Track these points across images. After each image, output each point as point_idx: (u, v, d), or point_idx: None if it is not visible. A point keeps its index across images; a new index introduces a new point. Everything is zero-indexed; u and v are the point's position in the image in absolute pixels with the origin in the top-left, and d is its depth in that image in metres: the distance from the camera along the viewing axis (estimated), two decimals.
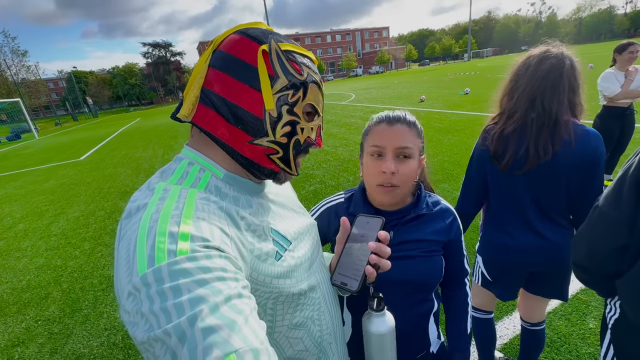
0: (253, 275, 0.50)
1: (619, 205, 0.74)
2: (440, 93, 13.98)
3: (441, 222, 0.87)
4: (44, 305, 2.83)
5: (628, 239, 0.75)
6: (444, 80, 21.02)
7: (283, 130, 0.54)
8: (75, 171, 8.23)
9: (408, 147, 0.77)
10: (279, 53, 0.52)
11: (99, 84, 68.29)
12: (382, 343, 0.65)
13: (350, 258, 0.63)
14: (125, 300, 0.38)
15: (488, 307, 1.48)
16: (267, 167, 0.56)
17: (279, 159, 0.56)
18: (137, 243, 0.40)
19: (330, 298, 0.66)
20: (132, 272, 0.38)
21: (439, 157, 5.22)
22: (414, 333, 0.87)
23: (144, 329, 0.36)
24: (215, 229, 0.44)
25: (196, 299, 0.36)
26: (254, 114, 0.52)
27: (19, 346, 2.37)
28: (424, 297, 0.87)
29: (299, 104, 0.54)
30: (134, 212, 0.45)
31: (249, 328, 0.37)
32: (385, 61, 71.98)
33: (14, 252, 3.97)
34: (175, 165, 0.54)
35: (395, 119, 0.79)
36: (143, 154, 9.21)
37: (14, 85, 38.30)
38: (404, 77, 34.46)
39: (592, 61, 19.44)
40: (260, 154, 0.54)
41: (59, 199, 5.94)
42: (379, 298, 0.66)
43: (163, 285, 0.36)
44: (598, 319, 1.92)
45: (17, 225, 4.88)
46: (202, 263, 0.39)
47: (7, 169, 10.26)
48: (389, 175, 0.76)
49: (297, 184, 4.90)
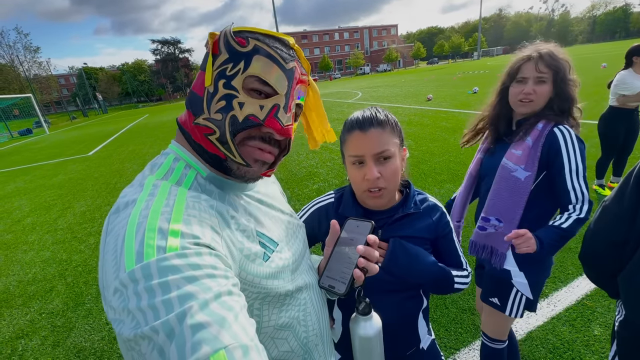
0: (242, 275, 0.50)
1: (621, 200, 0.78)
2: (448, 92, 13.81)
3: (428, 218, 0.87)
4: (48, 298, 2.87)
5: (627, 235, 0.77)
6: (452, 79, 20.77)
7: (218, 106, 0.50)
8: (84, 166, 8.35)
9: (385, 149, 0.76)
10: (227, 33, 0.52)
11: (108, 80, 69.22)
12: (369, 345, 0.66)
13: (339, 261, 0.64)
14: (112, 297, 0.37)
15: (506, 335, 1.38)
16: (211, 151, 0.52)
17: (217, 141, 0.51)
18: (126, 238, 0.39)
19: (317, 300, 0.66)
20: (119, 268, 0.37)
21: (445, 157, 5.16)
22: (403, 330, 0.88)
23: (130, 326, 0.35)
24: (206, 227, 0.44)
25: (185, 295, 0.35)
26: (197, 93, 0.52)
27: (22, 338, 2.41)
28: (412, 294, 0.87)
29: (238, 76, 0.50)
30: (122, 207, 0.44)
31: (238, 325, 0.36)
32: (393, 59, 71.45)
33: (22, 245, 4.05)
34: (162, 160, 0.54)
35: (367, 123, 0.76)
36: (150, 150, 9.31)
37: (26, 81, 39.04)
38: (412, 75, 34.18)
39: (606, 60, 19.01)
40: (200, 134, 0.52)
41: (67, 193, 6.03)
42: (366, 302, 0.66)
43: (151, 282, 0.36)
44: (604, 326, 1.86)
45: (25, 218, 4.97)
46: (192, 260, 0.38)
47: (19, 163, 10.47)
48: (374, 180, 0.76)
49: (300, 182, 4.90)
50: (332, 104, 15.04)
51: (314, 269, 0.71)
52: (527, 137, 1.16)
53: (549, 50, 1.15)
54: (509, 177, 1.18)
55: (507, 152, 1.21)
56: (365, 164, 0.77)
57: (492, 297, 1.30)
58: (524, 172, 1.15)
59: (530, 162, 1.15)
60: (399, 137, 0.80)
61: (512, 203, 1.18)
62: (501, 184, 1.21)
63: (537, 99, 1.15)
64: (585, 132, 5.51)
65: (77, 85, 68.63)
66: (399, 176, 0.80)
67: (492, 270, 1.29)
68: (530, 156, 1.15)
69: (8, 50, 41.46)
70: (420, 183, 4.29)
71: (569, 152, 1.10)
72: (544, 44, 1.19)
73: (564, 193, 1.11)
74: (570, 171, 1.10)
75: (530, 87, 1.15)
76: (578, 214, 1.08)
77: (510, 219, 1.19)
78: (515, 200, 1.17)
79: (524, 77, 1.17)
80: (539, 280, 1.23)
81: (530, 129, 1.17)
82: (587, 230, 0.89)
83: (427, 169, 4.74)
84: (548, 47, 1.16)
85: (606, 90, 3.42)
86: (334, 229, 0.67)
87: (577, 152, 1.10)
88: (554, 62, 1.13)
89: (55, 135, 19.97)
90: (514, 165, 1.18)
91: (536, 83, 1.15)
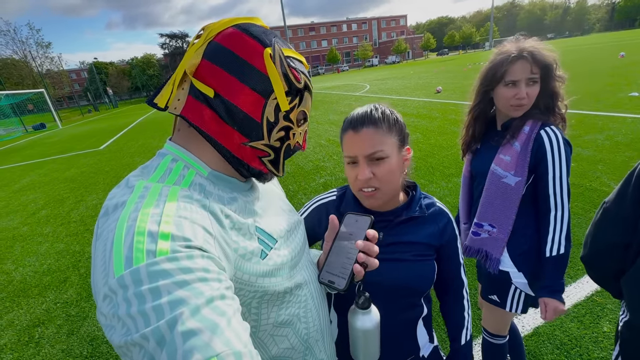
0: (237, 275, 0.48)
1: (623, 202, 0.78)
2: (457, 84, 13.55)
3: (434, 225, 0.84)
4: (62, 288, 2.97)
5: (630, 237, 0.77)
6: (463, 70, 20.34)
7: (278, 135, 0.55)
8: (95, 160, 8.52)
9: (377, 150, 0.73)
10: (282, 59, 0.52)
11: (118, 75, 69.94)
12: (368, 338, 0.66)
13: (338, 256, 0.63)
14: (102, 303, 0.36)
15: (506, 330, 1.40)
16: (256, 168, 0.56)
17: (269, 162, 0.57)
18: (114, 243, 0.38)
19: (317, 295, 0.65)
20: (108, 274, 0.37)
21: (454, 150, 5.08)
22: (401, 337, 0.85)
23: (120, 332, 0.34)
24: (198, 228, 0.43)
25: (176, 301, 0.35)
26: (252, 117, 0.51)
27: (39, 326, 2.50)
28: (412, 302, 0.84)
29: (294, 110, 0.56)
30: (111, 210, 0.43)
31: (231, 330, 0.36)
32: (402, 51, 70.22)
33: (37, 237, 4.17)
34: (158, 162, 0.52)
35: (360, 122, 0.74)
36: (159, 144, 9.42)
37: (39, 76, 39.77)
38: (421, 67, 33.59)
39: (624, 49, 18.32)
40: (252, 155, 0.54)
41: (79, 186, 6.17)
42: (366, 296, 0.65)
43: (141, 287, 0.35)
44: (613, 322, 1.83)
45: (40, 211, 5.11)
46: (183, 264, 0.37)
47: (33, 157, 10.74)
48: (366, 181, 0.74)
49: (307, 176, 4.91)
50: (340, 96, 14.93)
51: (314, 265, 0.70)
52: (514, 141, 1.13)
53: (536, 48, 1.08)
54: (500, 184, 1.17)
55: (495, 157, 1.18)
56: (358, 164, 0.75)
57: (492, 295, 1.29)
58: (514, 178, 1.13)
59: (520, 168, 1.12)
60: (397, 136, 0.76)
61: (504, 208, 1.17)
62: (492, 190, 1.19)
63: (529, 102, 1.11)
64: (600, 124, 5.36)
65: (88, 80, 69.56)
66: (395, 177, 0.76)
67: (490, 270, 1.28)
68: (520, 161, 1.12)
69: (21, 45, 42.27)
70: (428, 176, 4.24)
71: (554, 156, 1.08)
72: (525, 39, 1.12)
73: (545, 198, 1.10)
74: (553, 177, 1.08)
75: (523, 91, 1.08)
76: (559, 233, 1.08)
77: (503, 224, 1.18)
78: (507, 205, 1.16)
79: (514, 80, 1.09)
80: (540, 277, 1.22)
81: (517, 133, 1.13)
82: (589, 232, 0.89)
83: (435, 163, 4.69)
84: (533, 44, 1.09)
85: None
86: (332, 223, 0.66)
87: (562, 157, 1.07)
88: (544, 60, 1.07)
89: (68, 129, 20.38)
90: (503, 171, 1.15)
91: (528, 85, 1.09)
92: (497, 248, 1.21)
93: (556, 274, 1.09)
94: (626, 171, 0.77)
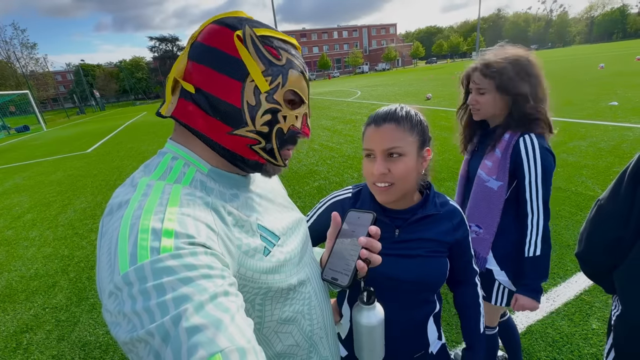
0: (241, 272, 0.49)
1: (616, 198, 0.79)
2: (446, 91, 13.85)
3: (448, 222, 0.86)
4: (51, 293, 2.88)
5: (622, 231, 0.78)
6: (451, 78, 20.81)
7: (263, 119, 0.52)
8: (83, 163, 8.32)
9: (395, 147, 0.75)
10: (254, 38, 0.50)
11: (106, 78, 68.76)
12: (372, 334, 0.67)
13: (341, 253, 0.63)
14: (107, 300, 0.37)
15: (495, 322, 1.47)
16: (250, 158, 0.54)
17: (261, 150, 0.54)
18: (119, 241, 0.39)
19: (320, 292, 0.65)
20: (113, 271, 0.37)
21: (445, 156, 5.19)
22: (411, 333, 0.87)
23: (126, 329, 0.35)
24: (201, 225, 0.43)
25: (180, 297, 0.35)
26: (231, 103, 0.50)
27: (27, 332, 2.42)
28: (425, 297, 0.86)
29: (278, 90, 0.52)
30: (115, 208, 0.44)
31: (235, 326, 0.36)
32: (392, 58, 71.42)
33: (23, 241, 4.04)
34: (158, 160, 0.52)
35: (382, 118, 0.77)
36: (149, 148, 9.28)
37: (23, 77, 38.71)
38: (411, 74, 34.20)
39: (604, 61, 19.13)
40: (241, 145, 0.52)
41: (67, 190, 6.02)
42: (370, 291, 0.66)
43: (146, 284, 0.35)
44: (601, 320, 1.91)
45: (25, 215, 4.96)
46: (186, 260, 0.38)
47: (16, 160, 10.41)
48: (380, 175, 0.76)
49: (301, 179, 4.92)
50: (331, 102, 15.05)
51: (317, 262, 0.70)
52: (495, 148, 1.20)
53: (487, 60, 1.15)
54: (484, 187, 1.23)
55: (481, 162, 1.26)
56: (375, 158, 0.77)
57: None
58: (497, 182, 1.20)
59: (502, 173, 1.18)
60: (419, 137, 0.78)
61: (489, 211, 1.23)
62: (478, 193, 1.26)
63: (483, 108, 1.20)
64: (583, 131, 5.58)
65: (74, 82, 68.17)
66: (411, 175, 0.78)
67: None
68: (500, 167, 1.18)
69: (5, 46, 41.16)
70: None
71: (529, 163, 1.13)
72: (492, 50, 1.21)
73: (524, 202, 1.16)
74: (529, 183, 1.13)
75: (473, 98, 1.20)
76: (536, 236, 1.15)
77: (489, 226, 1.24)
78: (491, 208, 1.22)
79: (471, 88, 1.22)
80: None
81: (498, 141, 1.20)
82: (583, 229, 0.90)
83: None
84: (489, 56, 1.17)
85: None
86: (334, 221, 0.66)
87: (537, 164, 1.12)
88: (490, 72, 1.13)
89: (53, 132, 19.84)
90: (486, 176, 1.22)
91: (478, 94, 1.19)
92: (484, 248, 1.27)
93: (533, 274, 1.16)
94: (609, 176, 0.81)
